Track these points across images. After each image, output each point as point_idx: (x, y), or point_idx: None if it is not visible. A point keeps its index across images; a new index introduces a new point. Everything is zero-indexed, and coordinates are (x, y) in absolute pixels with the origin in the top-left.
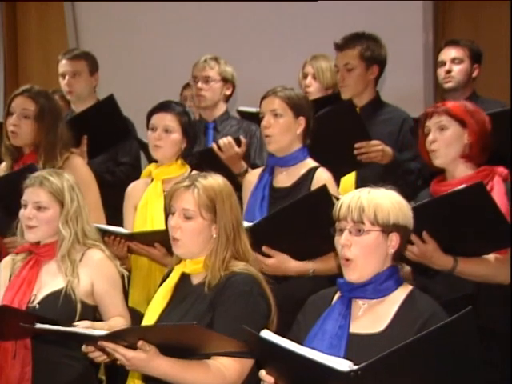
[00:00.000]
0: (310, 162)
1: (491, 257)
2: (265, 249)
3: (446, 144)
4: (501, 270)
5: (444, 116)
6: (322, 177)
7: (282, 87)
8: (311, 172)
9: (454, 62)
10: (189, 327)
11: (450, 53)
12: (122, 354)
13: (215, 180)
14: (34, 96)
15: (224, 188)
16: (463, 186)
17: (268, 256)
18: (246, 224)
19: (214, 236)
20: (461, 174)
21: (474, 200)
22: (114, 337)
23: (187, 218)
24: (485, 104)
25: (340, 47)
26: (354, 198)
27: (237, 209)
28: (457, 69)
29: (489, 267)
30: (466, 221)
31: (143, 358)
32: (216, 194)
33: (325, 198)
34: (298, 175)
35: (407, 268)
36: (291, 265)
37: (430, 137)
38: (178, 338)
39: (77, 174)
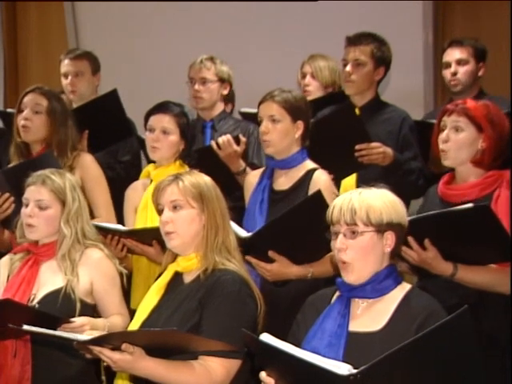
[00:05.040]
0: (309, 164)
1: (492, 266)
2: (271, 253)
3: (457, 146)
4: (501, 280)
5: (462, 117)
6: (320, 179)
7: (279, 90)
8: (309, 174)
9: (459, 63)
10: (169, 333)
11: (454, 54)
12: (108, 356)
13: (199, 175)
14: (45, 93)
15: (209, 181)
16: (470, 205)
17: (271, 261)
18: (244, 234)
19: (204, 223)
20: (469, 177)
21: (479, 220)
22: (98, 341)
23: (176, 208)
24: (491, 101)
25: (353, 41)
26: (345, 200)
27: (223, 200)
28: (462, 70)
29: (489, 276)
30: (469, 235)
31: (129, 360)
32: (200, 185)
33: (320, 204)
34: (297, 177)
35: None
36: (293, 269)
37: (444, 135)
38: (162, 341)
39: (87, 171)
